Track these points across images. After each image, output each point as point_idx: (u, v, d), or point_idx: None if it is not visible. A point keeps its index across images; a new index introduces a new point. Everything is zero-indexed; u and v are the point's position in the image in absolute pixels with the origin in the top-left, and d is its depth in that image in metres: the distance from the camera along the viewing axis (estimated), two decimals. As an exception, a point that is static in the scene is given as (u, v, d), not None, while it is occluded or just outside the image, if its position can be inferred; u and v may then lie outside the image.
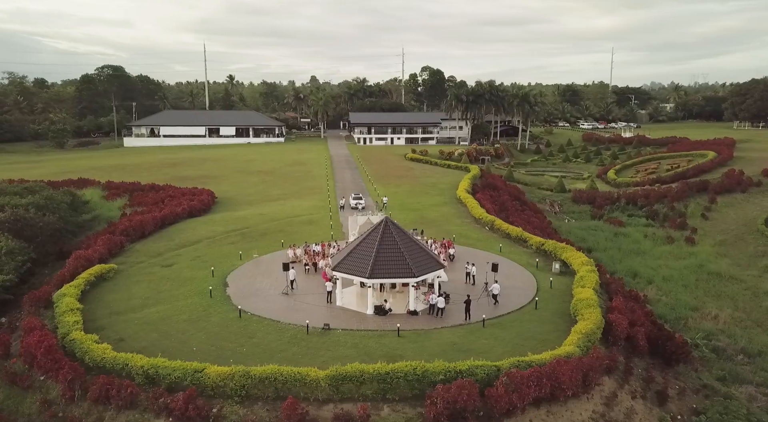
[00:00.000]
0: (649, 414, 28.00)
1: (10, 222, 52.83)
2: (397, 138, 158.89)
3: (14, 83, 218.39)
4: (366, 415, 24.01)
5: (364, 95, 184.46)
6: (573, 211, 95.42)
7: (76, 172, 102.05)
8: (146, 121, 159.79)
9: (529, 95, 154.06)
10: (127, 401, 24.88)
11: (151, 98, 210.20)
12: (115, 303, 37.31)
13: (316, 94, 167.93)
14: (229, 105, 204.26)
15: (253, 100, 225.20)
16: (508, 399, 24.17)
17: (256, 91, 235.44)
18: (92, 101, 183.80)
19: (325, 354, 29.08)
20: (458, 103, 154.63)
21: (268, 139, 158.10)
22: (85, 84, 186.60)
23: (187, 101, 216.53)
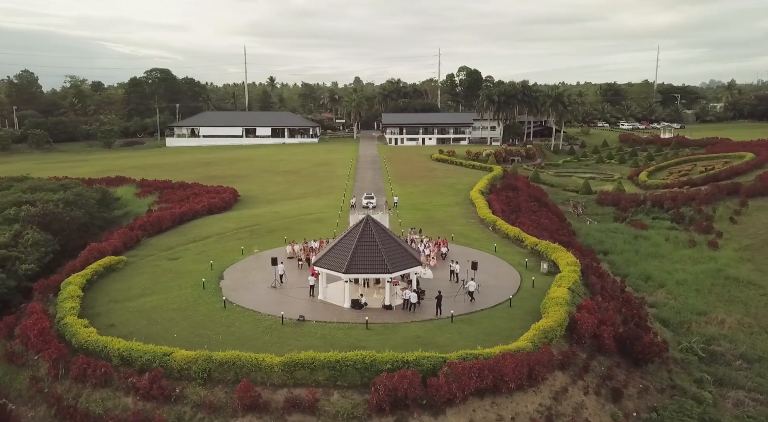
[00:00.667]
0: (600, 409, 28.47)
1: (39, 216, 57.04)
2: (428, 138, 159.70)
3: (74, 86, 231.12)
4: (314, 400, 25.59)
5: (398, 96, 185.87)
6: (596, 213, 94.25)
7: (117, 170, 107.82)
8: (187, 122, 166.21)
9: (562, 95, 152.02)
10: (102, 380, 27.30)
11: (195, 100, 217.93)
12: (116, 292, 40.21)
13: (349, 96, 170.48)
14: (267, 106, 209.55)
15: (292, 102, 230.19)
16: (448, 389, 25.26)
17: (295, 93, 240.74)
18: (139, 103, 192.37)
19: (293, 343, 30.77)
20: (490, 103, 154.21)
21: (302, 139, 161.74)
22: (133, 86, 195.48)
23: (229, 102, 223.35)
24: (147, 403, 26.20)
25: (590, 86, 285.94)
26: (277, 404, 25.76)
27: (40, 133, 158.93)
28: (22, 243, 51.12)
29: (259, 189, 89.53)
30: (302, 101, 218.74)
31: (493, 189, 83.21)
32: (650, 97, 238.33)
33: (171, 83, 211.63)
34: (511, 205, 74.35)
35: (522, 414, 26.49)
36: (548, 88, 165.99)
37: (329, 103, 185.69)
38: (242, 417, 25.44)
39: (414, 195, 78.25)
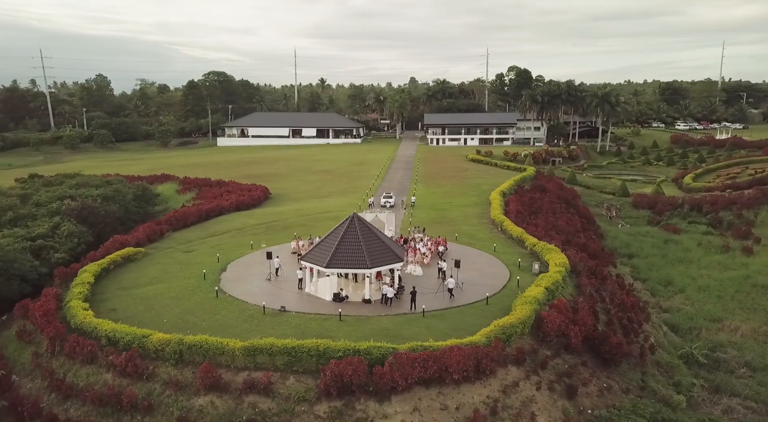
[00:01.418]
0: (552, 404, 29.03)
1: (78, 209, 62.03)
2: (470, 138, 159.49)
3: (141, 89, 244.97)
4: (269, 382, 27.59)
5: (443, 96, 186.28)
6: (631, 216, 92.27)
7: (167, 168, 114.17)
8: (237, 123, 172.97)
9: (609, 95, 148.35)
10: (88, 357, 30.34)
11: (250, 101, 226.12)
12: (127, 280, 43.72)
13: (393, 96, 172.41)
14: (316, 107, 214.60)
15: (341, 103, 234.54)
16: (392, 377, 26.65)
17: (344, 94, 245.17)
18: (196, 104, 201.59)
19: (268, 331, 32.85)
20: (533, 103, 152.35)
21: (346, 139, 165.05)
22: (190, 89, 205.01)
23: (281, 104, 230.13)
24: (123, 380, 29.00)
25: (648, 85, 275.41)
26: (237, 385, 27.91)
27: (104, 133, 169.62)
28: (59, 234, 55.93)
29: (291, 187, 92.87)
30: (351, 102, 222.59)
31: (519, 190, 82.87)
32: (713, 95, 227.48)
33: (227, 85, 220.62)
34: (532, 206, 74.03)
35: (467, 405, 27.51)
36: (595, 88, 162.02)
37: (374, 103, 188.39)
38: (204, 396, 27.76)
39: (436, 195, 79.22)
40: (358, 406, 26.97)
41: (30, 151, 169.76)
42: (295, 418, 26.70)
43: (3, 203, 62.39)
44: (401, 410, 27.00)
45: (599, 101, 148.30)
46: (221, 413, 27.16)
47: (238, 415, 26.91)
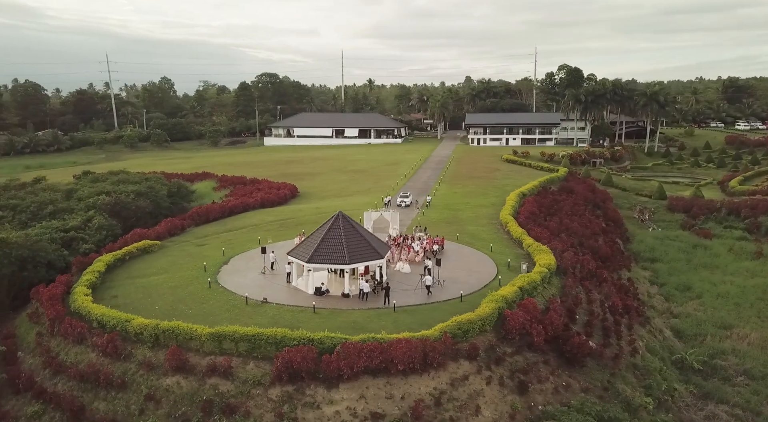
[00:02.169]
0: (501, 399, 29.75)
1: (111, 204, 66.82)
2: (512, 139, 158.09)
3: (200, 91, 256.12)
4: (229, 366, 29.78)
5: (488, 96, 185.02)
6: (664, 219, 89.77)
7: (211, 166, 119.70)
8: (283, 123, 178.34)
9: (658, 94, 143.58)
10: (78, 338, 33.52)
11: (300, 102, 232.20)
12: (137, 270, 47.22)
13: (435, 96, 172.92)
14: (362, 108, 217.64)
15: (389, 103, 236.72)
16: (338, 365, 28.24)
17: (392, 94, 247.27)
18: (247, 105, 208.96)
19: (246, 320, 35.03)
20: (576, 103, 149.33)
21: (387, 139, 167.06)
22: (242, 90, 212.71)
23: (330, 104, 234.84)
24: (105, 359, 31.94)
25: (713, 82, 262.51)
26: (201, 368, 30.24)
27: (160, 133, 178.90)
28: (90, 227, 60.59)
29: (320, 186, 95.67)
30: (397, 102, 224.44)
31: (543, 191, 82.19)
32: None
33: (278, 87, 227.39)
34: (552, 207, 73.34)
35: (412, 395, 28.73)
36: (644, 86, 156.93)
37: (418, 103, 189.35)
38: (171, 377, 30.24)
39: (456, 195, 79.80)
40: (307, 392, 28.71)
41: (94, 149, 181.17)
42: (249, 400, 28.73)
43: (45, 198, 68.06)
44: (348, 397, 28.53)
45: (647, 100, 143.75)
46: (185, 392, 29.54)
47: (200, 395, 29.19)
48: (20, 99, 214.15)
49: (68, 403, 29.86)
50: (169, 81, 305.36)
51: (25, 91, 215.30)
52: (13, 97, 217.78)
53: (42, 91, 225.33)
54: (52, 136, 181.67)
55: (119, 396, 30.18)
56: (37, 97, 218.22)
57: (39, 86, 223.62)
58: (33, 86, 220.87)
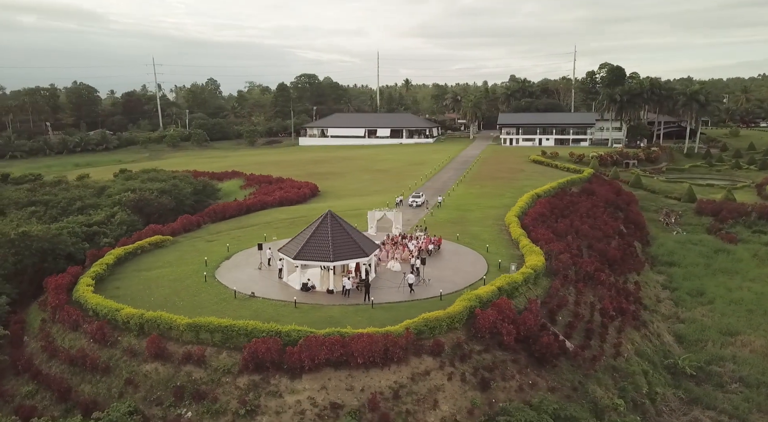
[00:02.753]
0: (461, 394, 30.41)
1: (134, 201, 70.36)
2: (545, 139, 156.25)
3: (249, 91, 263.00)
4: (202, 355, 31.55)
5: (523, 95, 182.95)
6: (691, 222, 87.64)
7: (242, 165, 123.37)
8: (317, 123, 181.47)
9: (698, 93, 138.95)
10: (73, 325, 36.06)
11: (338, 102, 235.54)
12: (145, 263, 49.88)
13: (467, 96, 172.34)
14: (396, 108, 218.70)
15: (426, 103, 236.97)
16: (299, 357, 29.57)
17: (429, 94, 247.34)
18: (284, 105, 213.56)
19: (230, 313, 36.72)
20: (611, 102, 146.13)
21: (419, 139, 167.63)
22: (280, 91, 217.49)
23: (367, 104, 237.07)
24: (94, 345, 34.31)
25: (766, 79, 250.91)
26: (178, 356, 32.12)
27: (200, 133, 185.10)
28: (112, 222, 64.09)
29: (342, 185, 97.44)
30: (433, 102, 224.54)
31: (561, 192, 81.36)
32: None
33: (316, 87, 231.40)
34: (565, 209, 72.61)
35: (372, 387, 29.77)
36: (683, 85, 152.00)
37: (452, 103, 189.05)
38: (151, 363, 32.27)
39: (471, 195, 79.96)
40: (272, 381, 30.15)
41: (139, 148, 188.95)
42: (218, 387, 30.41)
43: (74, 194, 72.25)
44: (310, 387, 29.82)
45: (686, 100, 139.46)
46: (161, 378, 31.49)
47: (174, 381, 31.07)
48: (75, 100, 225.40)
49: (57, 385, 32.35)
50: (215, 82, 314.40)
51: (79, 93, 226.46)
52: (68, 99, 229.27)
53: (95, 92, 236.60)
54: (101, 136, 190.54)
55: (103, 380, 32.43)
56: (90, 99, 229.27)
57: (92, 88, 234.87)
58: (86, 88, 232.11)
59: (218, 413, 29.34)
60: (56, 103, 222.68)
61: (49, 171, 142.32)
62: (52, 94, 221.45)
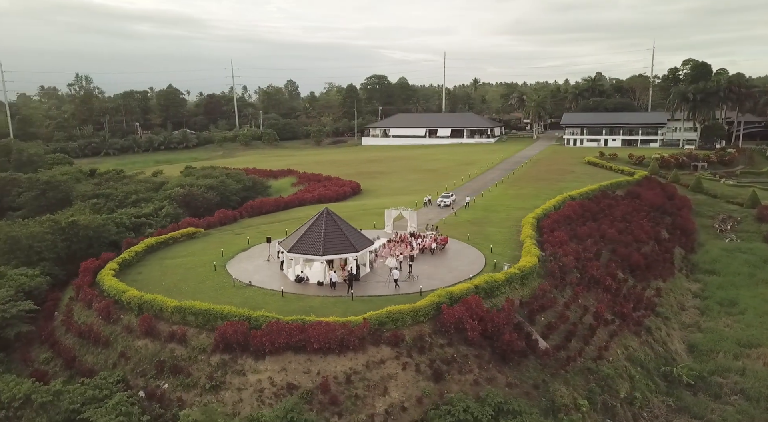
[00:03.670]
0: (413, 384, 31.88)
1: (182, 196, 76.36)
2: (612, 140, 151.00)
3: (329, 92, 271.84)
4: (184, 335, 34.97)
5: (592, 94, 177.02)
6: (748, 230, 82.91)
7: (304, 164, 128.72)
8: (380, 123, 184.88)
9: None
10: (88, 303, 40.77)
11: (407, 102, 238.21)
12: (172, 252, 54.62)
13: (530, 95, 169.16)
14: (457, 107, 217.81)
15: (495, 102, 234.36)
16: (260, 340, 32.24)
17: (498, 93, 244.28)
18: (352, 106, 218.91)
19: (224, 299, 39.92)
20: (681, 102, 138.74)
21: (479, 139, 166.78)
22: (348, 92, 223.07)
23: (435, 104, 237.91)
24: (100, 321, 38.75)
25: None
26: (165, 334, 35.75)
27: (270, 133, 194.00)
28: (159, 215, 70.09)
29: (385, 184, 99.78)
30: (502, 101, 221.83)
31: (601, 195, 79.26)
32: None
33: (385, 88, 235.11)
34: (599, 213, 70.88)
35: (327, 372, 31.93)
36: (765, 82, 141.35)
37: (517, 103, 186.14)
38: (142, 340, 36.14)
39: (506, 196, 79.69)
40: (239, 361, 33.03)
41: (215, 147, 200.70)
42: (194, 364, 33.69)
43: (131, 188, 79.36)
44: (271, 368, 32.41)
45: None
46: (150, 353, 35.24)
47: (159, 356, 34.71)
48: (163, 102, 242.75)
49: (67, 354, 37.04)
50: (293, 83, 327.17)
51: (167, 96, 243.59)
52: (157, 101, 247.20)
53: (180, 95, 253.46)
54: (182, 135, 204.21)
55: (102, 352, 36.72)
56: (175, 101, 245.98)
57: (178, 91, 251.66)
58: (173, 91, 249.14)
59: (189, 386, 32.61)
60: (147, 105, 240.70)
61: (133, 167, 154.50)
62: (143, 97, 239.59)
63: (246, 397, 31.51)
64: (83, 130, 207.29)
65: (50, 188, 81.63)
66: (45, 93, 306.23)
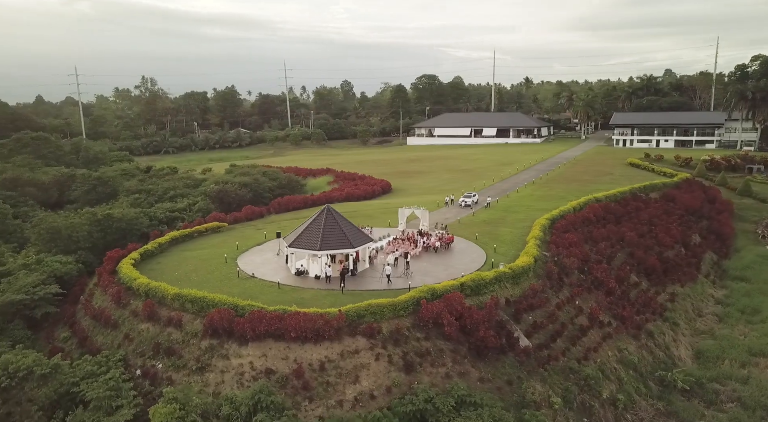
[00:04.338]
0: (384, 374, 33.29)
1: (216, 192, 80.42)
2: (664, 140, 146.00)
3: (384, 92, 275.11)
4: (179, 320, 37.74)
5: (647, 93, 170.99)
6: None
7: (345, 164, 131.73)
8: (426, 123, 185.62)
9: None
10: (105, 289, 44.41)
11: (457, 101, 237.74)
12: (194, 244, 58.05)
13: (579, 94, 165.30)
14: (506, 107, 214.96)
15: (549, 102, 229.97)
16: (242, 328, 34.47)
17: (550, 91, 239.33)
18: (401, 106, 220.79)
19: (226, 289, 42.60)
20: (740, 100, 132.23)
21: (525, 139, 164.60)
22: (397, 92, 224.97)
23: (485, 103, 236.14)
24: (112, 305, 42.20)
25: None
26: (164, 319, 38.65)
27: (319, 132, 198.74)
28: (192, 209, 74.25)
29: (417, 184, 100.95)
30: (554, 100, 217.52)
31: (630, 198, 77.40)
32: None
33: (436, 88, 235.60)
34: (623, 215, 69.48)
35: (303, 359, 33.81)
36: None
37: (567, 102, 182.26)
38: (145, 323, 39.19)
39: (531, 197, 79.15)
40: (225, 346, 35.40)
41: (266, 146, 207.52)
42: (186, 347, 36.35)
43: (168, 185, 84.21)
44: (253, 354, 34.59)
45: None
46: (151, 335, 38.23)
47: (157, 339, 37.63)
48: (221, 103, 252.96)
49: (80, 334, 40.65)
50: (348, 83, 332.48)
51: (225, 96, 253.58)
52: (215, 102, 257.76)
53: (237, 95, 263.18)
54: (236, 134, 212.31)
55: (110, 333, 40.09)
56: (233, 101, 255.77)
57: (235, 91, 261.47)
58: (231, 92, 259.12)
59: (179, 367, 35.29)
60: (206, 105, 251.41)
61: (188, 164, 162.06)
62: (202, 98, 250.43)
63: (228, 379, 33.82)
64: (147, 129, 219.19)
65: (100, 184, 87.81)
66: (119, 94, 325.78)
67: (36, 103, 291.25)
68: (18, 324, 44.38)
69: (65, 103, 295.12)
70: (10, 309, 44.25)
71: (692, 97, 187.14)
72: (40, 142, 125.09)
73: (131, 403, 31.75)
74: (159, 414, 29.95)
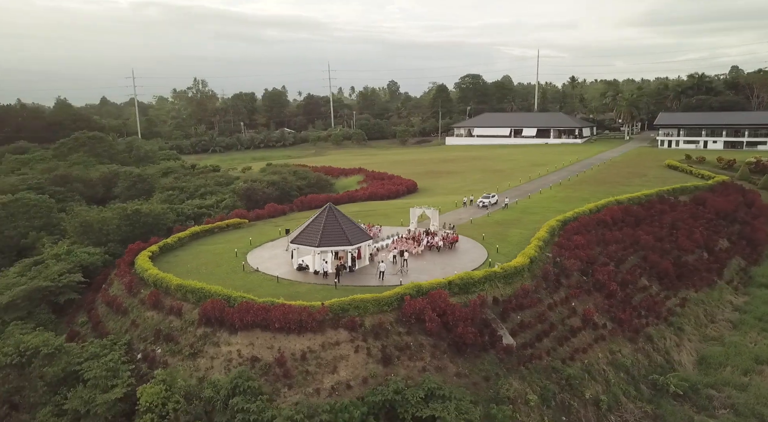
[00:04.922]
0: (362, 365, 34.72)
1: (243, 190, 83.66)
2: (712, 141, 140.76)
3: (431, 91, 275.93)
4: (179, 309, 40.27)
5: (698, 92, 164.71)
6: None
7: (380, 164, 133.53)
8: (465, 123, 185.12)
9: None
10: (121, 279, 47.58)
11: (502, 101, 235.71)
12: (211, 240, 60.96)
13: (624, 94, 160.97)
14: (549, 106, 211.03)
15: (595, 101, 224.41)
16: (231, 317, 36.57)
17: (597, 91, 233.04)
18: (442, 106, 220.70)
19: (228, 282, 44.91)
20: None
21: (566, 140, 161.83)
22: (438, 92, 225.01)
23: (531, 103, 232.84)
24: (125, 294, 45.29)
25: None
26: (167, 308, 41.30)
27: (359, 133, 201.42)
28: (219, 206, 77.62)
29: (444, 184, 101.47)
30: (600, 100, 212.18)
31: (658, 200, 75.58)
32: None
33: (479, 87, 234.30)
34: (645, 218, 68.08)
35: (287, 348, 35.59)
36: None
37: (611, 102, 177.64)
38: (150, 311, 41.97)
39: (553, 199, 78.41)
40: (218, 334, 37.63)
41: (309, 146, 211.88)
42: (183, 335, 38.80)
43: (200, 182, 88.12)
44: (241, 342, 36.64)
45: None
46: (155, 322, 40.94)
47: (159, 326, 40.28)
48: (268, 103, 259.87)
49: (94, 318, 43.88)
50: (395, 84, 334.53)
51: (272, 97, 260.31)
52: (263, 102, 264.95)
53: (284, 96, 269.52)
54: (280, 134, 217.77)
55: (120, 319, 43.11)
56: (279, 102, 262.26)
57: (282, 92, 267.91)
58: (278, 93, 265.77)
59: (175, 352, 37.75)
60: (253, 105, 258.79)
61: (232, 163, 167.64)
62: (250, 99, 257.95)
63: (216, 365, 35.99)
64: (197, 129, 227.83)
65: (140, 181, 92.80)
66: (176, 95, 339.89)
67: (100, 104, 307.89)
68: (44, 308, 48.26)
69: (127, 104, 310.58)
70: (38, 295, 48.15)
71: (749, 97, 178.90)
72: (95, 141, 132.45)
73: (125, 383, 34.31)
74: (146, 394, 32.40)
